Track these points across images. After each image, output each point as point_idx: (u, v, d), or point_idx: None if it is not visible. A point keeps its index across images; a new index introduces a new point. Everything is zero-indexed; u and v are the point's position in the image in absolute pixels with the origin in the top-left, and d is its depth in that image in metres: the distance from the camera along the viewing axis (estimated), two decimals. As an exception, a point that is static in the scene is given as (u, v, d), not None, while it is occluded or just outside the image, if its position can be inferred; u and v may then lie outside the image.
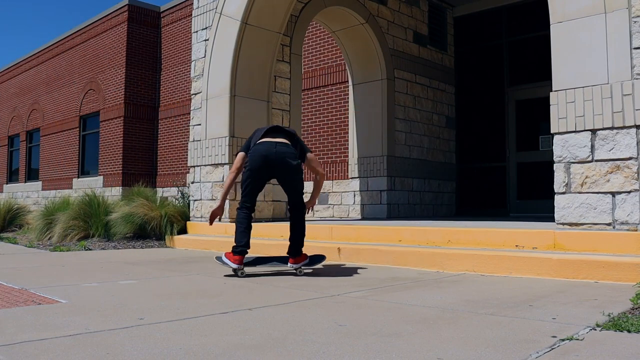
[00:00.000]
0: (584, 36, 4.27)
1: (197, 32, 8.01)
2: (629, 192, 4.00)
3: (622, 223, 4.02)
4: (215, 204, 4.14)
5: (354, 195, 9.25)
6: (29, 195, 18.76)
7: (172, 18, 15.10)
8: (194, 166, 7.74)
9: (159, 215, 7.46)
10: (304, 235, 4.45)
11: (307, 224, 4.58)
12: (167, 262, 5.38)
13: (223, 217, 7.16)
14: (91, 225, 7.76)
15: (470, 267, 4.27)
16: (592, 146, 4.19)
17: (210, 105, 7.56)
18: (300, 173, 4.46)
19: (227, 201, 7.10)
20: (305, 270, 4.44)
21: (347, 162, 9.79)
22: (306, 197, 10.54)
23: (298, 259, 4.35)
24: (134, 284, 3.82)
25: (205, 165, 7.51)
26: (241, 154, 4.52)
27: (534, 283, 3.66)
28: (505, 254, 4.18)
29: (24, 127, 20.05)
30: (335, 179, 10.08)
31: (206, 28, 7.84)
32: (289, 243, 4.42)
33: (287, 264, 4.39)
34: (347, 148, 9.79)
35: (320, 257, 4.54)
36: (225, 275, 4.24)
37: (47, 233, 8.03)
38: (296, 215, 4.45)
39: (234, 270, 4.22)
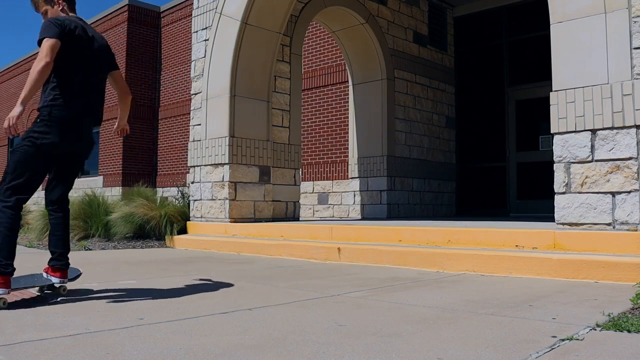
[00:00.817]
0: (584, 36, 4.27)
1: (197, 32, 8.01)
2: (629, 192, 4.00)
3: (622, 223, 4.02)
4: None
5: (354, 195, 9.25)
6: (29, 195, 18.75)
7: (172, 18, 15.10)
8: (194, 166, 7.74)
9: (159, 215, 7.46)
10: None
11: (307, 224, 4.51)
12: (167, 262, 5.37)
13: (223, 217, 7.17)
14: (91, 225, 7.77)
15: (470, 267, 4.27)
16: (592, 146, 4.19)
17: (210, 105, 7.56)
18: None
19: (227, 201, 7.11)
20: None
21: (347, 162, 9.79)
22: (307, 198, 10.52)
23: (66, 271, 3.31)
24: (134, 284, 3.82)
25: (205, 165, 7.51)
26: (56, 42, 3.04)
27: (534, 283, 3.66)
28: (505, 254, 4.18)
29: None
30: (335, 179, 10.08)
31: (206, 28, 7.84)
32: (55, 252, 3.29)
33: (46, 278, 3.25)
34: (347, 148, 9.79)
35: (77, 271, 3.61)
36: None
37: (47, 233, 8.02)
38: (66, 212, 3.40)
39: None
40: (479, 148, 10.55)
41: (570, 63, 4.35)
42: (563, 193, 4.31)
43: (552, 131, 4.42)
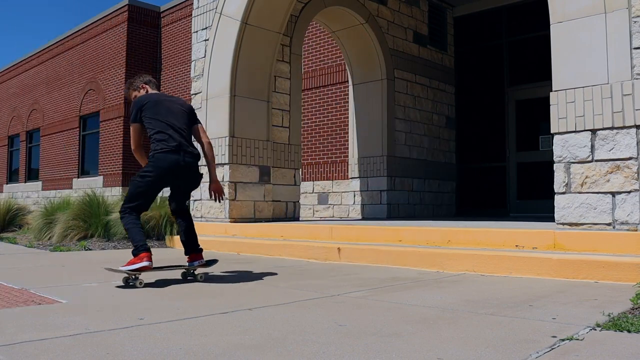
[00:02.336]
0: (584, 36, 4.27)
1: (197, 32, 8.01)
2: (629, 192, 4.00)
3: (622, 223, 4.02)
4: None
5: (354, 195, 9.25)
6: (29, 196, 18.76)
7: (172, 18, 15.10)
8: (194, 166, 7.73)
9: (158, 215, 7.45)
10: None
11: (307, 224, 4.54)
12: (167, 262, 5.37)
13: (223, 217, 7.17)
14: (91, 225, 7.76)
15: (470, 267, 4.27)
16: (592, 146, 4.19)
17: (210, 105, 7.56)
18: None
19: (227, 201, 7.12)
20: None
21: (347, 162, 9.79)
22: (307, 198, 10.49)
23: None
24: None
25: (205, 165, 7.50)
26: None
27: (534, 283, 3.66)
28: (505, 254, 4.17)
29: (24, 127, 20.04)
30: (335, 179, 10.08)
31: (206, 28, 7.83)
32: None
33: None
34: (347, 148, 9.79)
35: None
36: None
37: (47, 233, 8.03)
38: None
39: None
40: (479, 148, 10.55)
41: (570, 63, 4.35)
42: (563, 193, 4.32)
43: (552, 131, 4.42)
